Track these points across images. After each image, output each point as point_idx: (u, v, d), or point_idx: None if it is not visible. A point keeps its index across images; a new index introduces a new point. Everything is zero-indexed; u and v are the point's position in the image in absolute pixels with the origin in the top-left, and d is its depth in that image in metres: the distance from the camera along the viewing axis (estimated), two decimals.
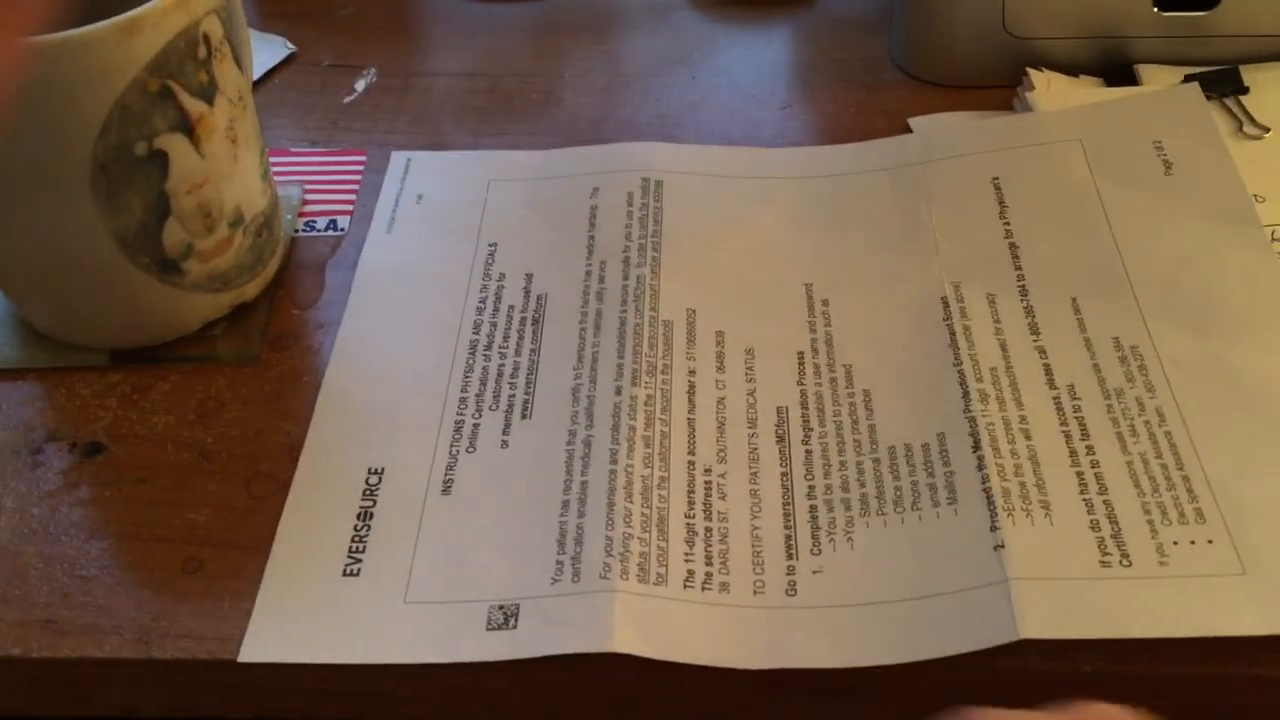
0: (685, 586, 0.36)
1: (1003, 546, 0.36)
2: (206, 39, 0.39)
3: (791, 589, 0.36)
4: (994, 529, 0.36)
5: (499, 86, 0.57)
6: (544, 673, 0.35)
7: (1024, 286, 0.44)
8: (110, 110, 0.37)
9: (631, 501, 0.37)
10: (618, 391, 0.41)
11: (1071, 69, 0.53)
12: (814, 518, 0.38)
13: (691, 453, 0.40)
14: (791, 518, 0.38)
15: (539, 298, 0.45)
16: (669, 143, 0.52)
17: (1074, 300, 0.43)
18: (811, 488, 0.39)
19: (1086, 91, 0.52)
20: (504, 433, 0.41)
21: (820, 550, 0.37)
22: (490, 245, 0.47)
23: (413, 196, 0.50)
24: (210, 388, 0.43)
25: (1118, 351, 0.41)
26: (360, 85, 0.57)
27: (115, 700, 0.37)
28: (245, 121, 0.42)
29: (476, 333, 0.44)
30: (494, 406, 0.41)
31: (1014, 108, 0.53)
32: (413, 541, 0.38)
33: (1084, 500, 0.37)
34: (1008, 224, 0.46)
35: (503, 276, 0.46)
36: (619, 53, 0.60)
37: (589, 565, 0.36)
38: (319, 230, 0.49)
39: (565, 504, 0.38)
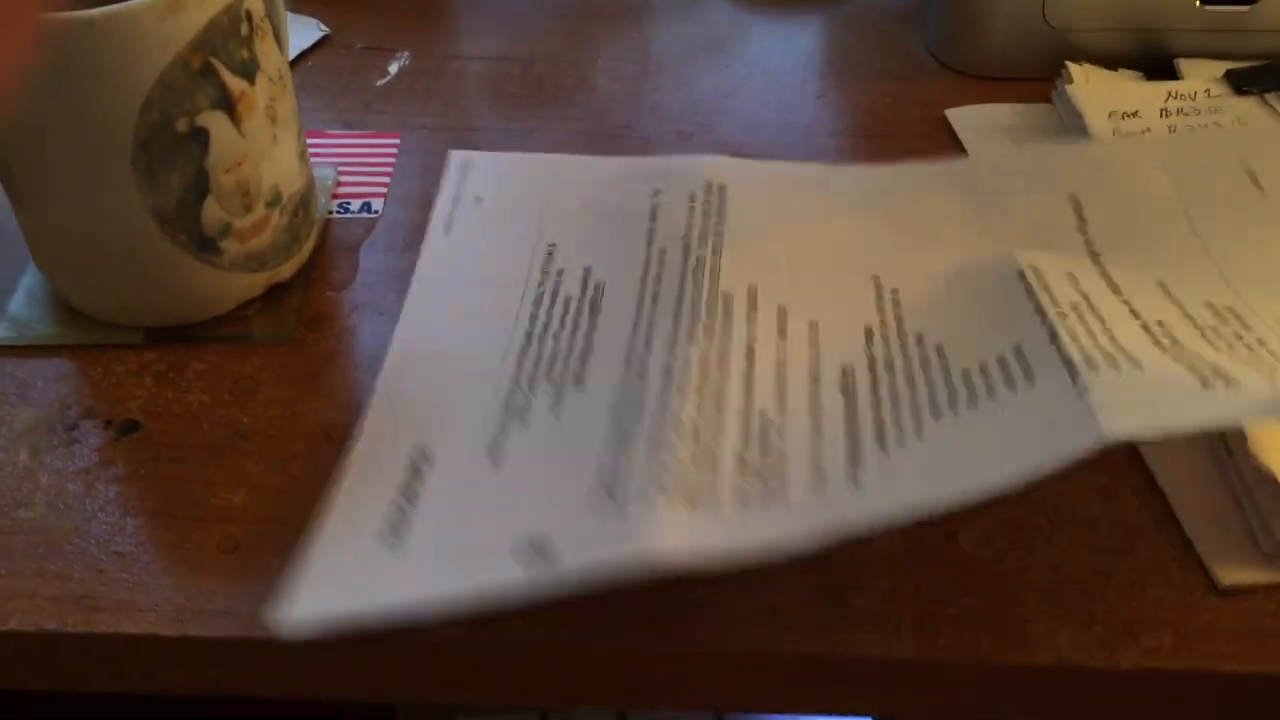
0: (738, 504, 0.35)
1: (1087, 388, 0.35)
2: (249, 16, 0.39)
3: (855, 483, 0.35)
4: (1076, 382, 0.35)
5: (531, 71, 0.57)
6: (569, 647, 0.35)
7: (1107, 274, 0.43)
8: (153, 87, 0.37)
9: (681, 439, 0.37)
10: (672, 353, 0.40)
11: (1110, 62, 0.53)
12: (881, 437, 0.37)
13: (748, 398, 0.39)
14: (859, 442, 0.37)
15: (596, 286, 0.45)
16: (733, 157, 0.50)
17: (1162, 283, 0.42)
18: (881, 425, 0.38)
19: (1126, 85, 0.52)
20: (555, 404, 0.40)
21: (888, 450, 0.36)
22: (550, 245, 0.47)
23: (471, 199, 0.49)
24: (245, 368, 0.43)
25: (1210, 309, 0.41)
26: (393, 68, 0.57)
27: (149, 677, 0.37)
28: (284, 101, 0.42)
29: (533, 323, 0.43)
30: (547, 382, 0.41)
31: (1051, 100, 0.53)
32: (460, 509, 0.37)
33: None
34: (1087, 236, 0.45)
35: (560, 273, 0.45)
36: (652, 39, 0.59)
37: (633, 494, 0.36)
38: (353, 212, 0.49)
39: (609, 446, 0.37)
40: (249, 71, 0.39)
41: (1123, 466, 0.39)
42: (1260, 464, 0.36)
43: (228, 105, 0.39)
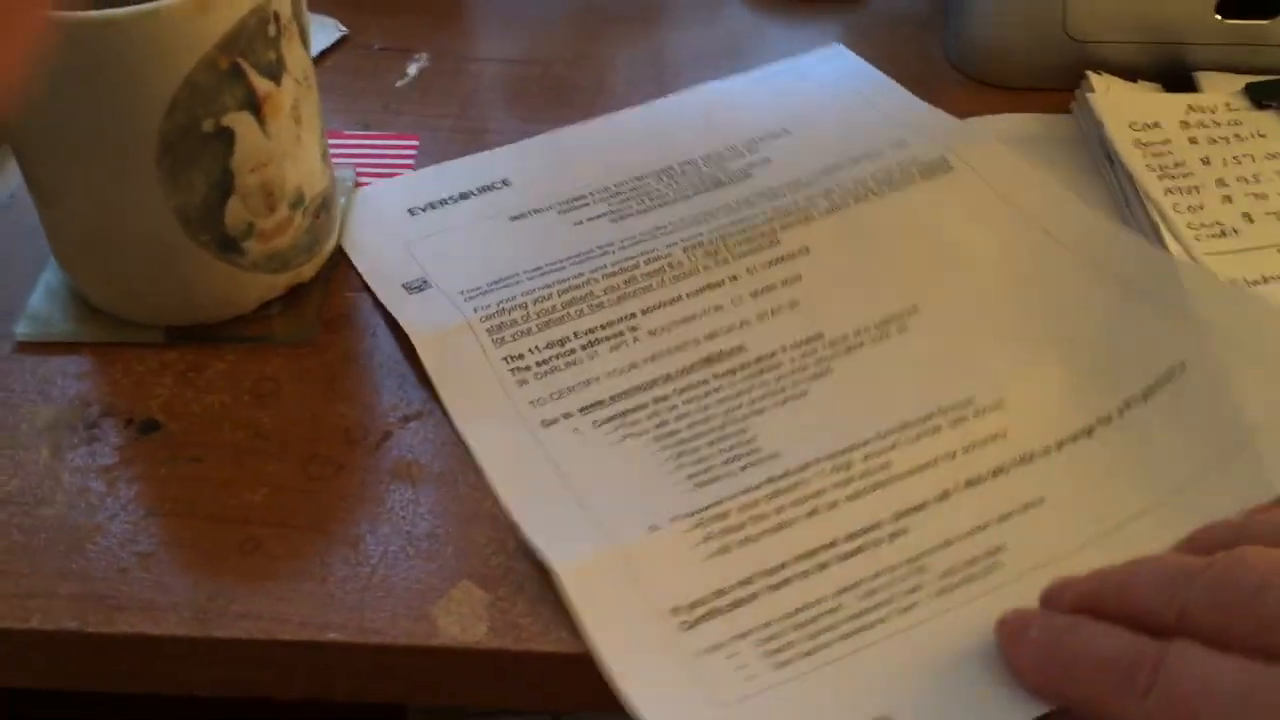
0: None
1: None
2: (277, 17, 0.39)
3: None
4: None
5: (550, 73, 0.57)
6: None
7: None
8: (180, 86, 0.37)
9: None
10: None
11: (1130, 73, 0.53)
12: None
13: None
14: None
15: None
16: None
17: None
18: None
19: (1147, 97, 0.52)
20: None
21: None
22: None
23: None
24: (266, 368, 0.43)
25: None
26: (412, 69, 0.57)
27: (170, 678, 0.37)
28: (309, 102, 0.42)
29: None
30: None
31: (1071, 110, 0.53)
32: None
33: None
34: None
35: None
36: (671, 43, 0.59)
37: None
38: None
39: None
40: (275, 73, 0.39)
41: None
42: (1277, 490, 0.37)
43: (254, 106, 0.39)
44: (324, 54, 0.57)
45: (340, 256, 0.47)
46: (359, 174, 0.50)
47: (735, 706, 0.33)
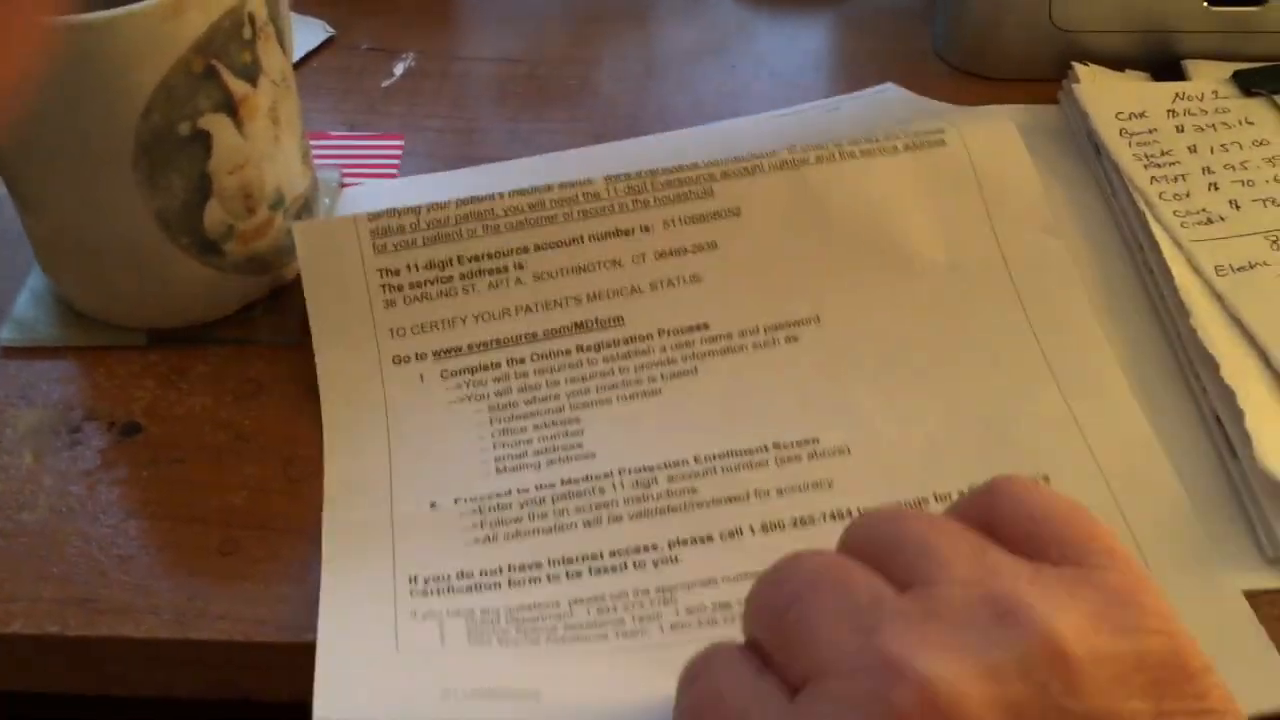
0: None
1: None
2: (252, 19, 0.39)
3: None
4: None
5: (536, 73, 0.57)
6: None
7: None
8: (155, 90, 0.37)
9: None
10: None
11: (1118, 63, 0.53)
12: None
13: None
14: None
15: None
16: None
17: None
18: None
19: (1133, 86, 0.51)
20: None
21: None
22: None
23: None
24: (248, 370, 0.43)
25: None
26: (398, 69, 0.57)
27: (151, 680, 0.37)
28: (287, 103, 0.42)
29: None
30: None
31: (1058, 101, 0.52)
32: None
33: None
34: None
35: None
36: (657, 40, 0.59)
37: None
38: None
39: None
40: (251, 74, 0.39)
41: None
42: (1265, 469, 0.36)
43: (230, 108, 0.39)
44: (310, 54, 0.57)
45: None
46: (344, 174, 0.50)
47: (411, 657, 0.34)
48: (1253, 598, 0.35)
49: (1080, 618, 0.22)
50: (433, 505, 0.38)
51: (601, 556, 0.36)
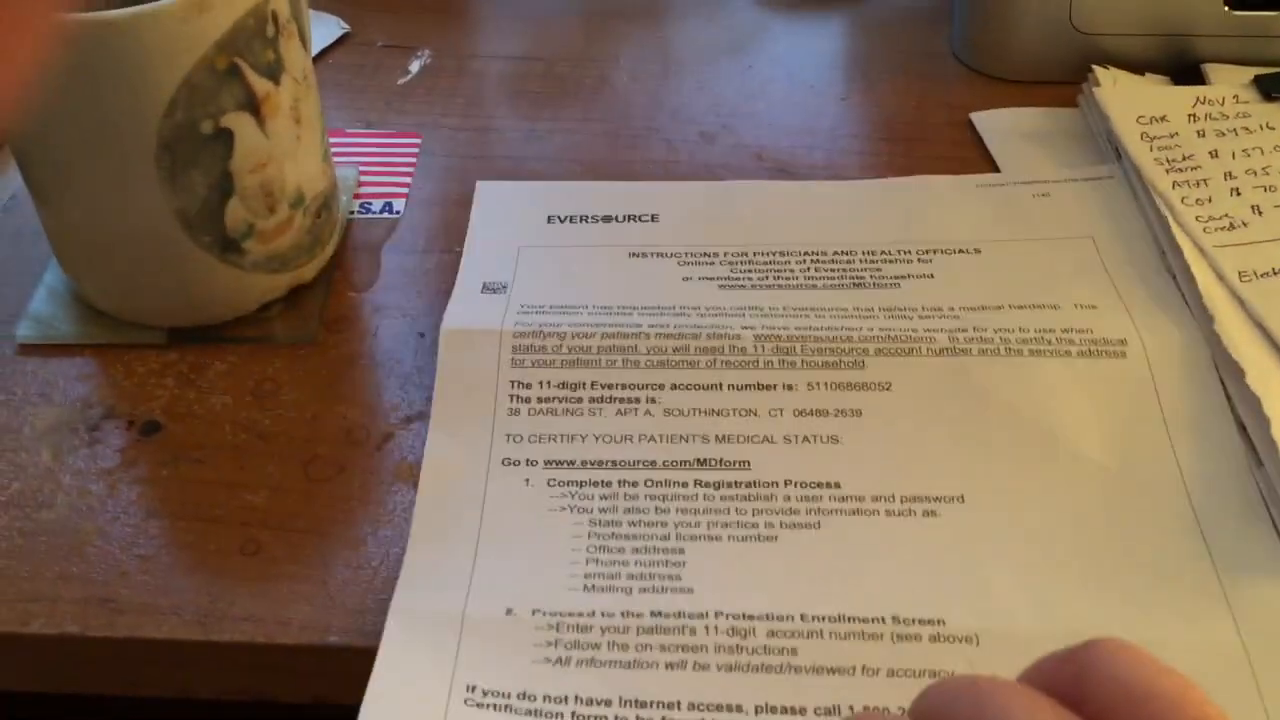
0: None
1: None
2: (275, 17, 0.39)
3: None
4: None
5: (553, 71, 0.57)
6: None
7: None
8: (178, 88, 0.37)
9: None
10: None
11: (1138, 66, 0.53)
12: None
13: None
14: None
15: None
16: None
17: None
18: None
19: (1154, 90, 0.51)
20: None
21: None
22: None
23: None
24: (267, 369, 0.42)
25: None
26: (414, 66, 0.57)
27: (171, 681, 0.37)
28: (308, 101, 0.42)
29: None
30: None
31: (1078, 104, 0.52)
32: None
33: None
34: None
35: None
36: (674, 40, 0.59)
37: None
38: (374, 213, 0.49)
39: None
40: (274, 73, 0.39)
41: None
42: None
43: (252, 106, 0.39)
44: (325, 51, 0.57)
45: (342, 256, 0.46)
46: (361, 172, 0.50)
47: None
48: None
49: None
50: (509, 611, 0.35)
51: (679, 707, 0.33)
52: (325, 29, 0.58)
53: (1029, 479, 0.38)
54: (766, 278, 0.44)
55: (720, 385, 0.40)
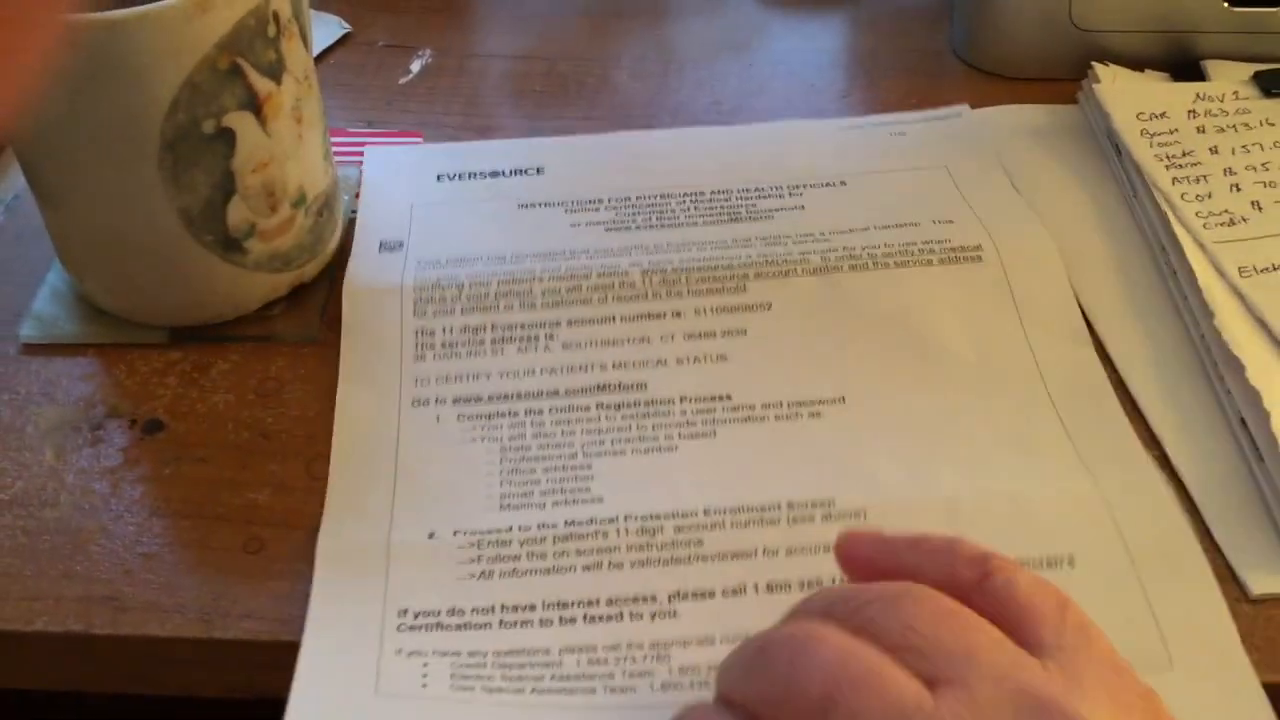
0: None
1: None
2: (276, 17, 0.39)
3: None
4: None
5: (554, 69, 0.57)
6: None
7: None
8: (180, 87, 0.37)
9: None
10: None
11: (1137, 63, 0.53)
12: None
13: None
14: None
15: None
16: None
17: None
18: None
19: (1154, 86, 0.51)
20: None
21: None
22: None
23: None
24: (270, 368, 0.42)
25: None
26: (416, 66, 0.57)
27: (175, 679, 0.37)
28: (310, 101, 0.42)
29: None
30: None
31: (1078, 101, 0.52)
32: None
33: None
34: None
35: None
36: (675, 38, 0.59)
37: None
38: None
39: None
40: (276, 72, 0.39)
41: None
42: None
43: (254, 106, 0.39)
44: (327, 51, 0.57)
45: (342, 255, 0.46)
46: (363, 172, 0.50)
47: (389, 700, 0.33)
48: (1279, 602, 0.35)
49: (1096, 705, 0.24)
50: (431, 535, 0.37)
51: (598, 604, 0.35)
52: (327, 29, 0.58)
53: (901, 376, 0.41)
54: (650, 219, 0.47)
55: (614, 318, 0.43)
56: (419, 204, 0.48)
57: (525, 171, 0.50)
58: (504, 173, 0.50)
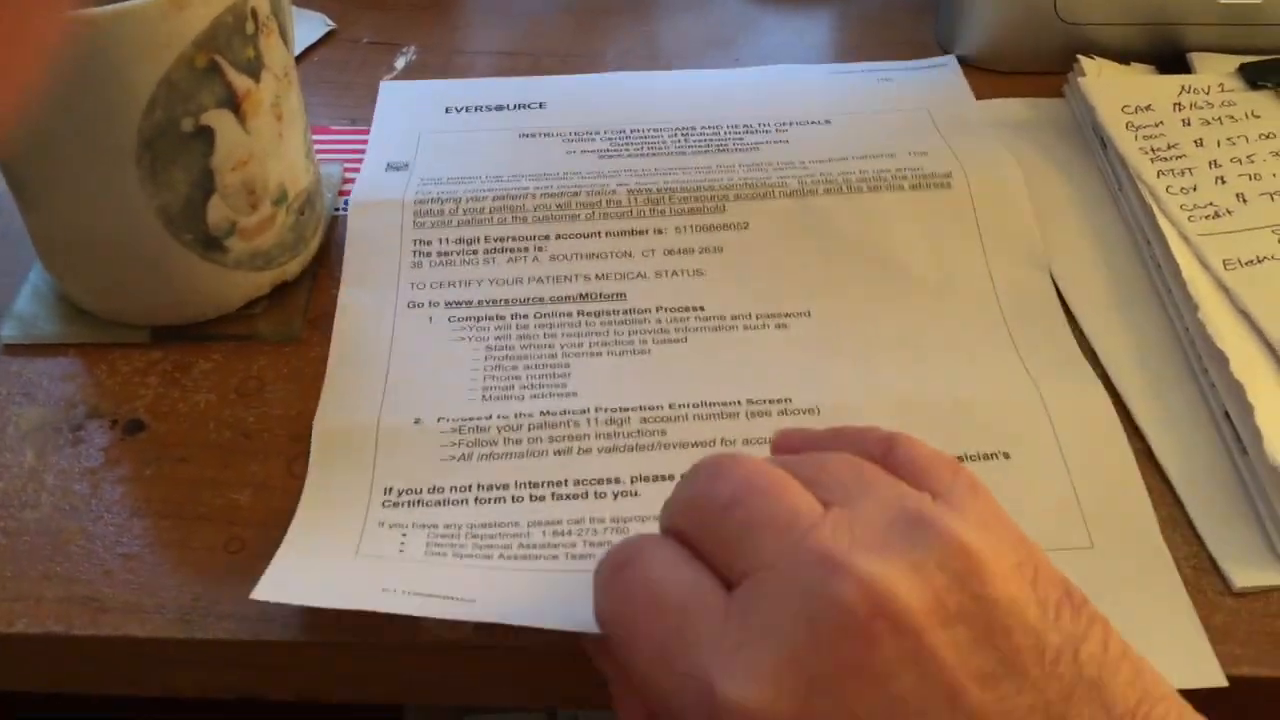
0: None
1: None
2: (254, 14, 0.39)
3: None
4: None
5: (540, 66, 0.57)
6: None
7: None
8: (157, 86, 0.37)
9: None
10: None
11: (1123, 56, 0.53)
12: None
13: None
14: None
15: None
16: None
17: None
18: None
19: (1139, 79, 0.51)
20: None
21: None
22: None
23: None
24: (251, 367, 0.42)
25: None
26: (400, 63, 0.57)
27: (156, 679, 0.37)
28: (290, 98, 0.42)
29: None
30: None
31: (1064, 94, 0.52)
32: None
33: None
34: None
35: None
36: (661, 34, 0.59)
37: None
38: None
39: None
40: (254, 69, 0.39)
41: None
42: (1275, 464, 0.36)
43: (233, 104, 0.39)
44: (311, 48, 0.57)
45: (326, 253, 0.46)
46: (346, 169, 0.50)
47: (366, 560, 0.36)
48: (1262, 595, 0.35)
49: (973, 527, 0.26)
50: (417, 421, 0.40)
51: (566, 484, 0.39)
52: (310, 26, 0.58)
53: (867, 292, 0.44)
54: (642, 150, 0.50)
55: (600, 233, 0.46)
56: (426, 131, 0.51)
57: (528, 106, 0.53)
58: (509, 106, 0.53)
